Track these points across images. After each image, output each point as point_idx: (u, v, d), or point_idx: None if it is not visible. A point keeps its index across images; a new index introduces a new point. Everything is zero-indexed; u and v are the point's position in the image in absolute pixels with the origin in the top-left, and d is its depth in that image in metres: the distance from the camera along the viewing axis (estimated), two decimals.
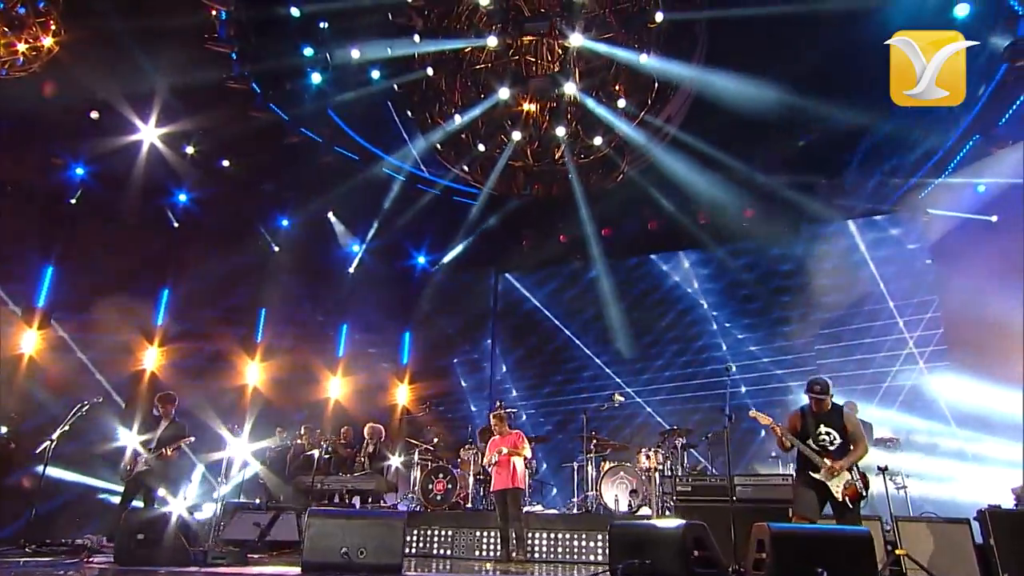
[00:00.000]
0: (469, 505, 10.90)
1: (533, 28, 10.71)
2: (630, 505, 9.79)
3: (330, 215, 16.76)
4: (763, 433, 11.29)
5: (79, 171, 14.10)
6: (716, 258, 15.28)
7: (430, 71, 11.91)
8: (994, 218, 12.53)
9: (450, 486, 10.89)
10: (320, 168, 15.69)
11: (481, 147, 12.73)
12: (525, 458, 9.12)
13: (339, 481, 10.52)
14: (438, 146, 13.05)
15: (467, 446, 11.71)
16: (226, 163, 15.07)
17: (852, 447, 6.59)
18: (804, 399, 6.96)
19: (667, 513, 8.95)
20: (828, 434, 6.65)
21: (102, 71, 12.89)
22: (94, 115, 13.61)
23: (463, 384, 17.43)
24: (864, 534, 5.38)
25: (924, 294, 13.11)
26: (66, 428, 8.97)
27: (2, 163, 13.01)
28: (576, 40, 10.49)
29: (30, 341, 12.90)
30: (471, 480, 11.00)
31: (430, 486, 10.98)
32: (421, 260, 18.13)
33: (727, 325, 14.74)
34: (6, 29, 11.62)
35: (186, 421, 10.01)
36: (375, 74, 14.38)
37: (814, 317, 13.65)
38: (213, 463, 14.70)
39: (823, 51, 10.60)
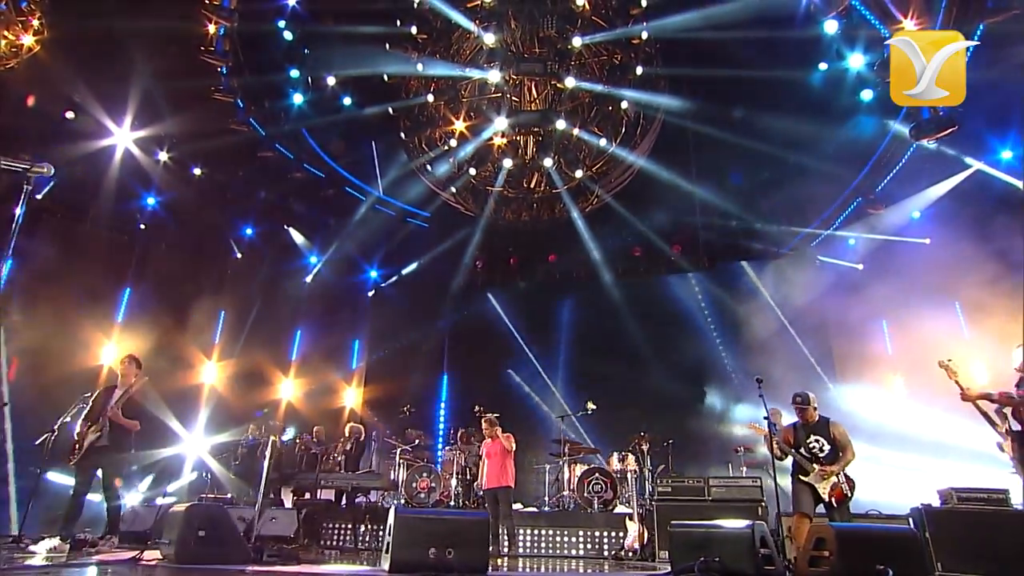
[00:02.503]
0: (452, 503, 10.87)
1: (528, 69, 11.55)
2: (605, 503, 10.21)
3: (289, 228, 16.83)
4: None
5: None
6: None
7: (430, 98, 12.37)
8: (860, 266, 14.71)
9: (433, 485, 11.06)
10: (288, 182, 15.88)
11: (472, 171, 13.28)
12: (509, 452, 9.39)
13: (344, 479, 10.37)
14: (428, 167, 13.49)
15: (448, 447, 11.92)
16: (198, 171, 14.90)
17: (841, 453, 6.97)
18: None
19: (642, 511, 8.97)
20: (818, 442, 7.05)
21: (82, 72, 12.63)
22: (69, 115, 13.22)
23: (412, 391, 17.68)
24: (916, 535, 5.52)
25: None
26: (67, 419, 8.75)
27: None
28: (569, 82, 11.46)
29: None
30: (453, 480, 11.08)
31: (414, 484, 11.10)
32: (374, 274, 18.36)
33: None
34: None
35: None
36: (347, 101, 14.98)
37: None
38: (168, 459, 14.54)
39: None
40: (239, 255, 16.14)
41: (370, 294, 18.32)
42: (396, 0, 12.02)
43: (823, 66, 12.37)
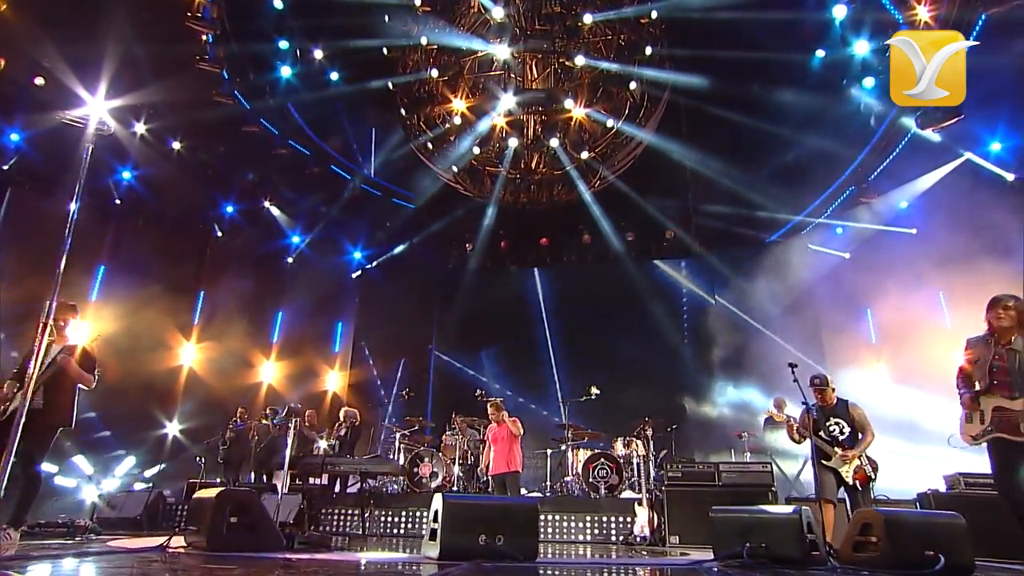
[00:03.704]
0: (454, 488, 10.58)
1: (536, 46, 11.04)
2: (611, 488, 9.94)
3: (272, 206, 16.00)
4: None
5: (14, 137, 12.49)
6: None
7: (434, 73, 11.74)
8: (846, 255, 14.67)
9: (436, 470, 10.67)
10: (272, 159, 15.06)
11: (476, 151, 12.69)
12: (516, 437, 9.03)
13: (353, 464, 9.66)
14: (429, 145, 12.88)
15: (448, 432, 11.44)
16: (177, 145, 14.02)
17: (861, 435, 6.83)
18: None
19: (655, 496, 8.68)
20: (838, 424, 6.86)
21: (52, 35, 11.70)
22: (39, 81, 12.25)
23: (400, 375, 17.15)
24: (961, 521, 5.21)
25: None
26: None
27: None
28: (579, 61, 11.01)
29: None
30: (456, 466, 10.73)
31: (416, 469, 10.70)
32: (358, 256, 17.64)
33: None
34: None
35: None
36: (335, 76, 14.26)
37: None
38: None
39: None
40: (220, 234, 15.26)
41: (355, 275, 17.56)
42: None
43: (820, 53, 12.26)
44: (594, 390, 10.74)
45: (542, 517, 9.13)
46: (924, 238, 12.75)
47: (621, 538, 8.84)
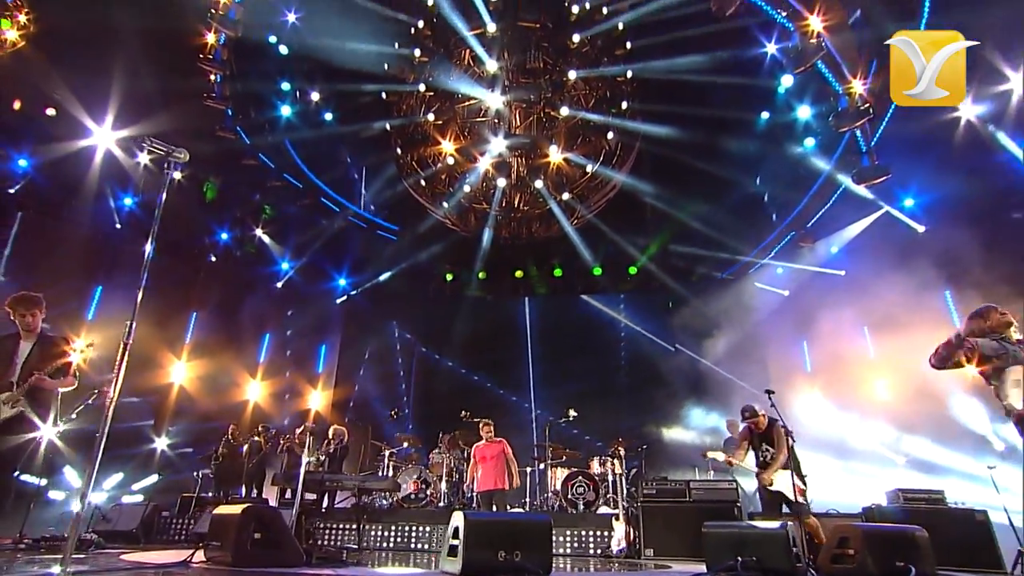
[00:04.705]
0: (441, 503, 10.25)
1: (524, 96, 11.07)
2: (588, 504, 9.74)
3: (264, 234, 15.48)
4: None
5: (22, 163, 11.80)
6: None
7: (431, 116, 11.64)
8: (785, 292, 15.03)
9: (423, 486, 10.33)
10: (266, 191, 14.64)
11: (467, 188, 12.56)
12: (512, 463, 8.93)
13: (352, 480, 9.36)
14: (422, 182, 12.67)
15: (435, 451, 11.03)
16: (177, 175, 13.45)
17: (776, 455, 6.83)
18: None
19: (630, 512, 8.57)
20: (767, 450, 6.93)
21: (66, 69, 11.17)
22: (50, 112, 11.64)
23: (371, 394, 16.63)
24: (924, 534, 5.38)
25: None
26: (73, 416, 7.50)
27: None
28: (564, 111, 11.11)
29: None
30: (443, 482, 10.37)
31: (404, 486, 10.30)
32: (343, 282, 17.18)
33: None
34: None
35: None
36: (329, 116, 14.02)
37: None
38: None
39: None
40: (213, 258, 14.63)
41: (340, 301, 17.06)
42: (398, 23, 11.20)
43: (765, 115, 12.75)
44: (572, 412, 10.55)
45: None
46: (851, 279, 13.20)
47: (600, 551, 8.63)
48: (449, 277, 15.84)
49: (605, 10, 11.44)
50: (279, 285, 16.04)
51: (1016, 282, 9.20)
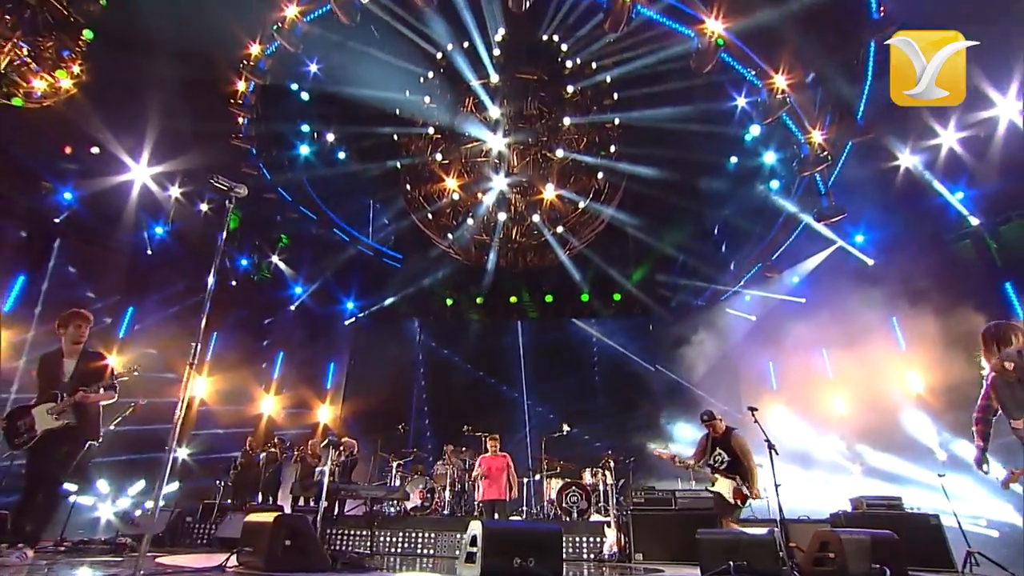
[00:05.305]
0: (446, 511, 10.22)
1: (524, 139, 11.66)
2: (581, 513, 9.83)
3: (279, 261, 15.83)
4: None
5: (67, 196, 12.13)
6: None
7: (439, 156, 12.12)
8: (753, 317, 15.61)
9: (428, 495, 10.45)
10: (284, 222, 15.06)
11: (470, 221, 13.02)
12: (513, 478, 9.16)
13: (367, 489, 9.52)
14: (429, 216, 13.11)
15: (440, 462, 11.17)
16: (204, 206, 13.86)
17: (744, 463, 6.83)
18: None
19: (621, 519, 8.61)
20: (719, 455, 6.94)
21: (110, 113, 11.55)
22: (94, 150, 11.99)
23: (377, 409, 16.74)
24: (897, 538, 5.45)
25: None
26: (110, 427, 7.71)
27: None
28: (559, 153, 11.74)
29: None
30: (447, 492, 10.42)
31: (411, 495, 10.42)
32: (351, 305, 17.51)
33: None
34: (32, 64, 10.08)
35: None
36: (343, 155, 14.51)
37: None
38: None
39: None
40: (234, 283, 14.93)
41: (348, 322, 17.36)
42: (410, 72, 11.80)
43: (733, 159, 13.44)
44: (566, 427, 10.68)
45: None
46: (810, 306, 13.68)
47: (593, 556, 8.71)
48: (449, 302, 16.25)
49: (595, 65, 12.20)
50: (293, 308, 16.36)
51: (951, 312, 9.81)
